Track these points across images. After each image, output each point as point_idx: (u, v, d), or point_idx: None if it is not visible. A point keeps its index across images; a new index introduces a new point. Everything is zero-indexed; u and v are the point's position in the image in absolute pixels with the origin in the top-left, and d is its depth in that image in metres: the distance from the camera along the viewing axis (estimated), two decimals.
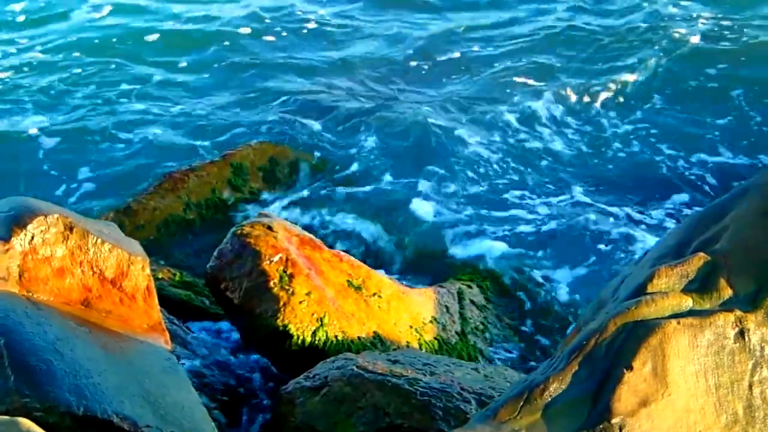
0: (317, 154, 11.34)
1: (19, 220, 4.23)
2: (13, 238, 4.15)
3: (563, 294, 9.03)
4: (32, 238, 4.22)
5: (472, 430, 2.95)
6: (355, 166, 11.29)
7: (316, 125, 12.34)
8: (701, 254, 3.25)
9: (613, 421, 2.91)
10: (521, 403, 3.01)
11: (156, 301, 4.71)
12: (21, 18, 16.82)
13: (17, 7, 17.37)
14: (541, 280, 9.09)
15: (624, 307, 3.12)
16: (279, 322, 5.99)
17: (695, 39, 14.60)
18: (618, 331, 3.07)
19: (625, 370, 2.97)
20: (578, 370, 3.04)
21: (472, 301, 7.64)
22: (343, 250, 7.11)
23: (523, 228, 10.16)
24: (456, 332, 7.15)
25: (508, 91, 13.42)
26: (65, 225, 4.36)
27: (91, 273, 4.44)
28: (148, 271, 4.68)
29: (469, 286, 7.84)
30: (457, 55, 14.96)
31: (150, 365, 4.33)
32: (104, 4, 17.19)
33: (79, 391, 3.67)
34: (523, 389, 3.05)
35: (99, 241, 4.47)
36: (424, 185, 10.91)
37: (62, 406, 3.56)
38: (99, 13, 16.89)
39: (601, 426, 2.91)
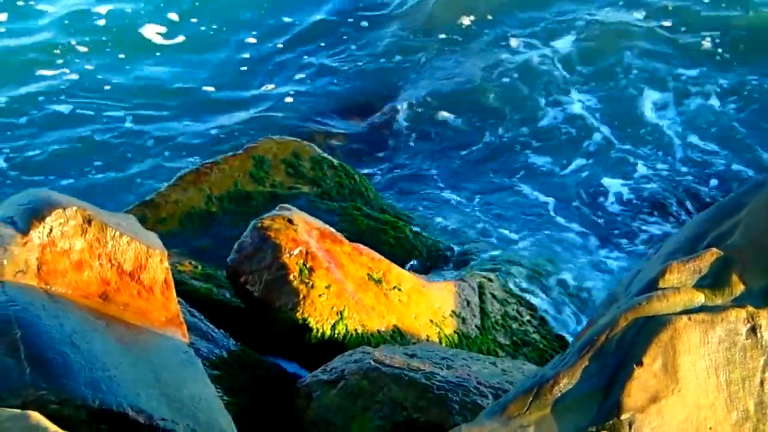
0: (340, 149, 11.37)
1: (37, 213, 4.25)
2: (31, 231, 4.17)
3: (586, 288, 8.98)
4: (51, 230, 4.25)
5: (480, 426, 2.94)
6: (377, 162, 11.31)
7: (339, 122, 12.35)
8: (714, 249, 3.22)
9: (623, 416, 2.89)
10: (530, 399, 3.00)
11: (174, 293, 4.72)
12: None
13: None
14: (563, 274, 9.05)
15: (635, 303, 3.10)
16: (299, 315, 6.01)
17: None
18: (629, 326, 3.05)
19: (635, 366, 2.96)
20: (588, 366, 3.03)
21: (493, 295, 7.62)
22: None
23: (546, 223, 10.12)
24: (476, 326, 7.14)
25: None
26: (84, 218, 4.38)
27: (110, 266, 4.46)
28: (166, 263, 4.69)
29: (490, 280, 7.82)
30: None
31: (167, 358, 4.36)
32: None
33: (95, 384, 3.69)
34: (532, 384, 3.04)
35: (117, 233, 4.49)
36: (445, 183, 10.91)
37: (78, 399, 3.58)
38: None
39: (610, 422, 2.90)
